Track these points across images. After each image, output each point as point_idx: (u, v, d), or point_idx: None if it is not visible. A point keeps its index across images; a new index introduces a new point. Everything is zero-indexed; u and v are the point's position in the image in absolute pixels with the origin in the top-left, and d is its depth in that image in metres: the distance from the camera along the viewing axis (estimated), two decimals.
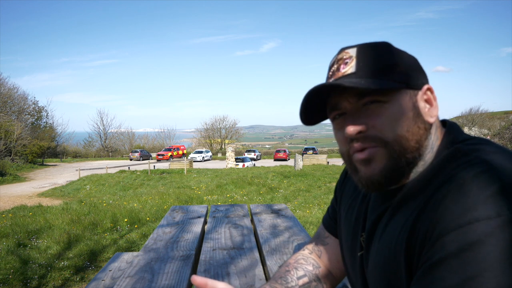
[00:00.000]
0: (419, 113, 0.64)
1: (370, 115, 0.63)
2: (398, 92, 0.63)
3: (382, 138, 0.62)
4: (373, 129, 0.62)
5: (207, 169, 23.04)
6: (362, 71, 0.64)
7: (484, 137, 0.66)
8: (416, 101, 0.65)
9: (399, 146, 0.62)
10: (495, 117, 38.81)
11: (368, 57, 0.65)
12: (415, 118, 0.63)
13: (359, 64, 0.64)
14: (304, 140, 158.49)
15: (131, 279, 1.26)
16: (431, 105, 0.67)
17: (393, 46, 0.68)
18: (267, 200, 9.64)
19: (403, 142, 0.62)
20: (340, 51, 0.69)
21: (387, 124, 0.62)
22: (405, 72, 0.64)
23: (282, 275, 0.91)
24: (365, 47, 0.67)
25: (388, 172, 0.63)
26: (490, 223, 0.49)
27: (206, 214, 2.20)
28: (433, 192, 0.58)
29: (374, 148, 0.63)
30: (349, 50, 0.67)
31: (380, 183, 0.64)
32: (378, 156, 0.63)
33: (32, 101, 38.41)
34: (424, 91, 0.66)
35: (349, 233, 0.81)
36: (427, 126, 0.65)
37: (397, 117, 0.62)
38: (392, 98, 0.63)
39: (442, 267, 0.51)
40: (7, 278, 3.83)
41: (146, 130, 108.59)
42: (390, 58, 0.65)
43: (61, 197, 14.06)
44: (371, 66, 0.64)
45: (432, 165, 0.63)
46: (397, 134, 0.62)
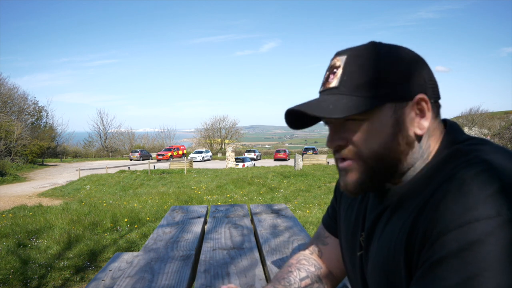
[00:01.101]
0: (402, 127, 0.62)
1: (349, 130, 0.64)
2: (380, 108, 0.62)
3: (358, 153, 0.64)
4: (351, 144, 0.64)
5: (207, 169, 23.04)
6: (344, 86, 0.63)
7: (484, 137, 0.66)
8: (401, 114, 0.62)
9: (374, 162, 0.64)
10: (495, 117, 38.79)
11: (354, 70, 0.63)
12: (395, 134, 0.62)
13: (343, 78, 0.64)
14: (304, 140, 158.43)
15: (131, 279, 1.26)
16: (422, 116, 0.63)
17: (385, 53, 0.63)
18: (267, 200, 9.64)
19: (377, 159, 0.63)
20: (334, 55, 0.68)
21: (364, 141, 0.63)
22: (392, 85, 0.61)
23: (284, 275, 0.91)
24: (353, 57, 0.64)
25: (361, 184, 0.66)
26: (490, 223, 0.49)
27: (206, 214, 2.20)
28: (432, 191, 0.58)
29: (351, 160, 0.65)
30: (340, 57, 0.66)
31: (353, 192, 0.68)
32: (353, 169, 0.66)
33: (32, 101, 38.47)
34: (415, 102, 0.63)
35: (349, 233, 0.81)
36: (410, 140, 0.63)
37: (373, 135, 0.62)
38: (371, 116, 0.62)
39: (442, 267, 0.51)
40: (7, 278, 3.83)
41: (146, 130, 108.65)
42: (376, 71, 0.62)
43: (61, 197, 14.07)
44: (355, 81, 0.62)
45: (431, 165, 0.63)
46: (373, 151, 0.63)
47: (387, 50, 0.64)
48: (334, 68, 0.66)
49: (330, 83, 0.65)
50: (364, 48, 0.65)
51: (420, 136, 0.64)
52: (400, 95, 0.62)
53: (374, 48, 0.64)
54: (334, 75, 0.65)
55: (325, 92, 0.66)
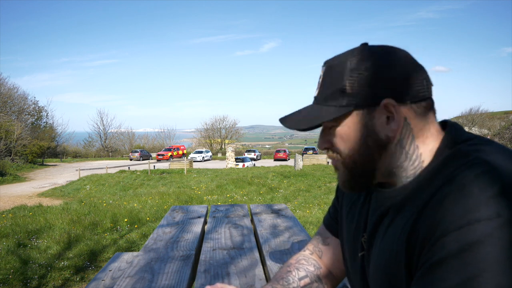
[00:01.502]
0: (370, 132, 0.65)
1: (330, 134, 0.70)
2: (347, 115, 0.66)
3: (339, 154, 0.70)
4: (333, 147, 0.70)
5: (207, 169, 23.05)
6: (319, 96, 0.70)
7: (485, 137, 0.66)
8: (370, 119, 0.65)
9: (349, 163, 0.69)
10: (495, 117, 38.80)
11: (327, 81, 0.69)
12: (364, 137, 0.66)
13: (320, 88, 0.70)
14: (304, 140, 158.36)
15: (131, 279, 1.26)
16: (392, 119, 0.64)
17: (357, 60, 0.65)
18: (267, 200, 9.65)
19: (351, 160, 0.68)
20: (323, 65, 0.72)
21: (339, 143, 0.69)
22: (355, 94, 0.64)
23: (283, 275, 0.91)
24: (329, 67, 0.69)
25: (348, 181, 0.71)
26: (490, 224, 0.49)
27: (206, 214, 2.20)
28: (433, 192, 0.58)
29: (337, 160, 0.71)
30: (323, 67, 0.71)
31: (345, 189, 0.73)
32: (339, 167, 0.72)
33: (32, 101, 38.46)
34: (382, 106, 0.64)
35: (350, 234, 0.81)
36: (381, 143, 0.65)
37: (345, 138, 0.68)
38: (340, 122, 0.67)
39: (442, 268, 0.51)
40: (7, 278, 3.83)
41: (146, 130, 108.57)
42: (341, 80, 0.66)
43: (61, 197, 14.07)
44: (325, 91, 0.68)
45: (432, 166, 0.63)
46: (347, 153, 0.68)
47: (359, 58, 0.65)
48: (319, 77, 0.72)
49: (315, 92, 0.72)
50: (340, 57, 0.68)
51: (393, 138, 0.65)
52: (365, 102, 0.65)
53: (348, 57, 0.67)
54: (318, 85, 0.71)
55: (313, 100, 0.72)
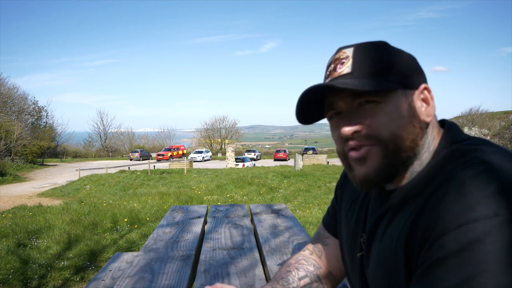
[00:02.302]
0: (415, 112, 0.65)
1: (365, 114, 0.64)
2: (394, 93, 0.64)
3: (377, 137, 0.63)
4: (368, 129, 0.63)
5: (207, 169, 23.04)
6: (357, 72, 0.64)
7: (483, 137, 0.66)
8: (412, 100, 0.65)
9: (394, 145, 0.63)
10: (495, 117, 38.76)
11: (365, 58, 0.65)
12: (410, 118, 0.64)
13: (355, 65, 0.65)
14: (304, 140, 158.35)
15: (131, 279, 1.26)
16: (427, 104, 0.67)
17: (390, 46, 0.68)
18: (267, 200, 9.64)
19: (398, 141, 0.63)
20: (337, 50, 0.69)
21: (383, 123, 0.63)
22: (401, 73, 0.65)
23: (283, 275, 0.91)
24: (362, 47, 0.67)
25: (382, 171, 0.64)
26: (488, 223, 0.49)
27: (206, 214, 2.20)
28: (432, 192, 0.58)
29: (369, 146, 0.64)
30: (346, 50, 0.68)
31: (374, 181, 0.65)
32: (372, 155, 0.64)
33: (32, 101, 38.43)
34: (421, 91, 0.67)
35: (349, 234, 0.81)
36: (422, 125, 0.65)
37: (392, 117, 0.63)
38: (387, 99, 0.63)
39: (441, 267, 0.51)
40: (7, 278, 3.83)
41: (146, 130, 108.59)
42: (386, 58, 0.65)
43: (61, 197, 14.07)
44: (367, 67, 0.64)
45: (431, 166, 0.63)
46: (393, 133, 0.62)
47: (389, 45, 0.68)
48: (341, 59, 0.67)
49: (340, 72, 0.66)
50: (370, 43, 0.68)
51: (428, 123, 0.66)
52: (408, 83, 0.65)
53: (379, 42, 0.68)
54: (342, 65, 0.66)
55: (337, 78, 0.65)
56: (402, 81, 0.64)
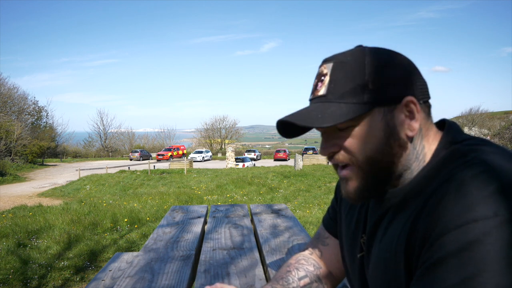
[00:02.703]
0: (393, 131, 0.63)
1: (342, 137, 0.65)
2: (368, 113, 0.62)
3: (352, 159, 0.65)
4: (344, 151, 0.65)
5: (207, 169, 23.05)
6: (332, 94, 0.64)
7: (483, 137, 0.66)
8: (391, 117, 0.63)
9: (369, 166, 0.64)
10: (495, 117, 38.77)
11: (340, 76, 0.64)
12: (386, 137, 0.63)
13: (330, 85, 0.64)
14: (304, 140, 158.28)
15: (131, 279, 1.26)
16: (412, 118, 0.64)
17: (371, 58, 0.64)
18: (267, 200, 9.65)
19: (372, 163, 0.64)
20: (322, 62, 0.69)
21: (357, 146, 0.64)
22: (379, 89, 0.62)
23: (283, 275, 0.91)
24: (340, 63, 0.65)
25: (361, 191, 0.67)
26: (488, 223, 0.49)
27: (206, 214, 2.21)
28: (432, 192, 0.58)
29: (349, 168, 0.66)
30: (327, 64, 0.67)
31: (356, 199, 0.68)
32: (353, 176, 0.66)
33: (32, 101, 38.46)
34: (404, 104, 0.63)
35: (349, 234, 0.81)
36: (402, 142, 0.64)
37: (365, 139, 0.63)
38: (360, 121, 0.63)
39: (441, 267, 0.51)
40: (7, 278, 3.83)
41: (146, 130, 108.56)
42: (362, 77, 0.62)
43: (61, 197, 14.07)
44: (342, 88, 0.63)
45: (430, 166, 0.63)
46: (366, 155, 0.63)
47: (373, 55, 0.64)
48: (321, 75, 0.67)
49: (318, 91, 0.66)
50: (350, 54, 0.65)
51: (412, 137, 0.65)
52: (388, 99, 0.63)
53: (360, 54, 0.65)
54: (322, 83, 0.66)
55: (315, 100, 0.67)
56: (379, 99, 0.62)
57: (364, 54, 0.65)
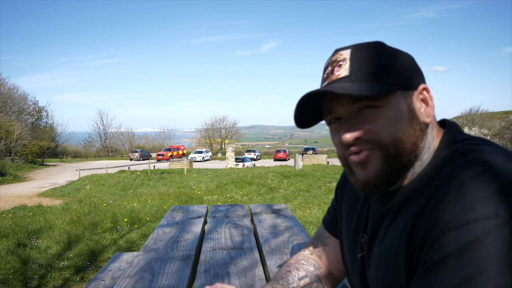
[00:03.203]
0: (414, 114, 0.64)
1: (365, 120, 0.63)
2: (393, 95, 0.63)
3: (378, 142, 0.63)
4: (369, 134, 0.63)
5: (207, 169, 23.04)
6: (355, 75, 0.63)
7: (483, 137, 0.66)
8: (411, 102, 0.64)
9: (396, 149, 0.62)
10: (495, 117, 38.76)
11: (362, 59, 0.64)
12: (410, 120, 0.63)
13: (352, 67, 0.64)
14: (304, 140, 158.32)
15: (131, 279, 1.26)
16: (427, 105, 0.66)
17: (387, 46, 0.67)
18: (267, 200, 9.64)
19: (399, 144, 0.62)
20: (334, 52, 0.68)
21: (383, 128, 0.62)
22: (400, 73, 0.64)
23: (283, 275, 0.91)
24: (359, 49, 0.65)
25: (384, 174, 0.64)
26: (488, 223, 0.49)
27: (206, 214, 2.20)
28: (432, 192, 0.58)
29: (370, 150, 0.63)
30: (343, 51, 0.66)
31: (375, 185, 0.65)
32: (373, 159, 0.63)
33: (32, 101, 38.45)
34: (419, 91, 0.66)
35: (350, 234, 0.81)
36: (422, 127, 0.65)
37: (392, 121, 0.62)
38: (386, 102, 0.62)
39: (441, 267, 0.51)
40: (7, 278, 3.83)
41: (146, 130, 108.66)
42: (384, 59, 0.64)
43: (61, 197, 14.06)
44: (365, 69, 0.63)
45: (431, 166, 0.63)
46: (394, 137, 0.62)
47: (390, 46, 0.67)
48: (338, 61, 0.66)
49: (337, 75, 0.65)
50: (367, 43, 0.67)
51: (428, 124, 0.66)
52: (408, 83, 0.64)
53: (375, 43, 0.67)
54: (340, 67, 0.65)
55: (336, 81, 0.65)
56: (400, 82, 0.63)
57: (380, 43, 0.67)
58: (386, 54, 0.65)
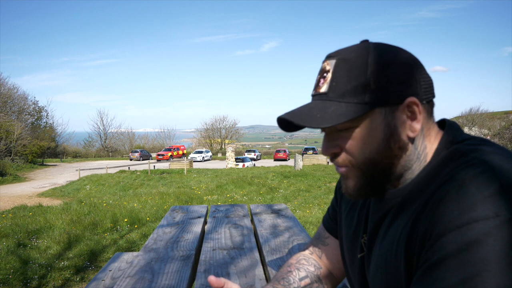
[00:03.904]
0: (393, 132, 0.62)
1: (342, 138, 0.65)
2: (369, 114, 0.61)
3: (351, 161, 0.65)
4: (345, 152, 0.65)
5: (207, 169, 23.05)
6: (333, 92, 0.63)
7: (483, 137, 0.66)
8: (392, 118, 0.62)
9: (368, 167, 0.65)
10: (495, 117, 38.76)
11: (342, 76, 0.63)
12: (387, 139, 0.62)
13: (331, 83, 0.64)
14: (304, 140, 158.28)
15: (131, 279, 1.26)
16: (413, 119, 0.63)
17: (375, 56, 0.62)
18: (267, 200, 9.65)
19: (372, 164, 0.64)
20: (325, 58, 0.67)
21: (357, 147, 0.64)
22: (382, 88, 0.60)
23: (284, 275, 0.91)
24: (343, 59, 0.63)
25: (361, 189, 0.67)
26: (488, 223, 0.49)
27: (206, 214, 2.21)
28: (432, 192, 0.58)
29: (347, 167, 0.66)
30: (331, 60, 0.65)
31: (355, 196, 0.68)
32: (351, 175, 0.67)
33: (32, 101, 38.46)
34: (406, 105, 0.62)
35: (350, 235, 0.81)
36: (402, 144, 0.63)
37: (365, 141, 0.63)
38: (361, 122, 0.62)
39: (441, 268, 0.51)
40: (7, 278, 3.83)
41: (146, 130, 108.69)
42: (364, 75, 0.61)
43: (61, 197, 14.07)
44: (343, 87, 0.62)
45: (431, 166, 0.63)
46: (365, 157, 0.64)
47: (377, 53, 0.63)
48: (324, 72, 0.66)
49: (320, 88, 0.66)
50: (354, 50, 0.64)
51: (413, 138, 0.64)
52: (389, 99, 0.61)
53: (364, 51, 0.63)
54: (324, 80, 0.65)
55: (316, 97, 0.66)
56: (381, 99, 0.61)
57: (368, 51, 0.63)
58: (369, 69, 0.61)
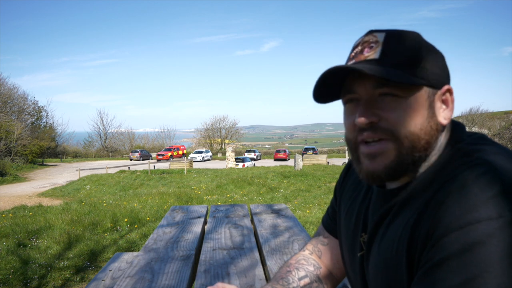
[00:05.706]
0: (434, 113, 0.62)
1: (384, 107, 0.61)
2: (417, 89, 0.61)
3: (393, 132, 0.60)
4: (385, 122, 0.61)
5: (207, 169, 23.04)
6: (385, 60, 0.61)
7: (484, 134, 0.66)
8: (433, 100, 0.63)
9: (409, 143, 0.61)
10: (495, 117, 38.74)
11: (395, 46, 0.62)
12: (429, 117, 0.62)
13: (384, 52, 0.62)
14: (304, 140, 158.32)
15: (131, 279, 1.26)
16: (447, 107, 0.64)
17: (423, 39, 0.65)
18: (267, 200, 9.64)
19: (414, 139, 0.61)
20: (367, 33, 0.66)
21: (402, 119, 0.60)
22: (429, 69, 0.62)
23: (283, 275, 0.91)
24: (394, 35, 0.63)
25: (392, 168, 0.62)
26: (491, 224, 0.49)
27: (206, 214, 2.20)
28: (434, 192, 0.57)
29: (383, 142, 0.61)
30: (377, 34, 0.64)
31: (381, 178, 0.64)
32: (385, 152, 0.62)
33: (32, 101, 38.43)
34: (443, 91, 0.64)
35: (349, 234, 0.80)
36: (439, 127, 0.63)
37: (411, 114, 0.60)
38: (410, 94, 0.60)
39: (443, 268, 0.51)
40: (7, 278, 3.83)
41: (146, 130, 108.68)
42: (417, 51, 0.62)
43: (61, 197, 14.07)
44: (397, 56, 0.61)
45: (434, 165, 0.63)
46: (410, 130, 0.60)
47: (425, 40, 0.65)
48: (370, 43, 0.64)
49: (367, 55, 0.63)
50: (404, 32, 0.65)
51: (444, 126, 0.64)
52: (434, 82, 0.63)
53: (415, 33, 0.65)
54: (371, 49, 0.63)
55: (362, 62, 0.63)
56: (428, 78, 0.62)
57: (419, 34, 0.65)
58: (420, 47, 0.62)
